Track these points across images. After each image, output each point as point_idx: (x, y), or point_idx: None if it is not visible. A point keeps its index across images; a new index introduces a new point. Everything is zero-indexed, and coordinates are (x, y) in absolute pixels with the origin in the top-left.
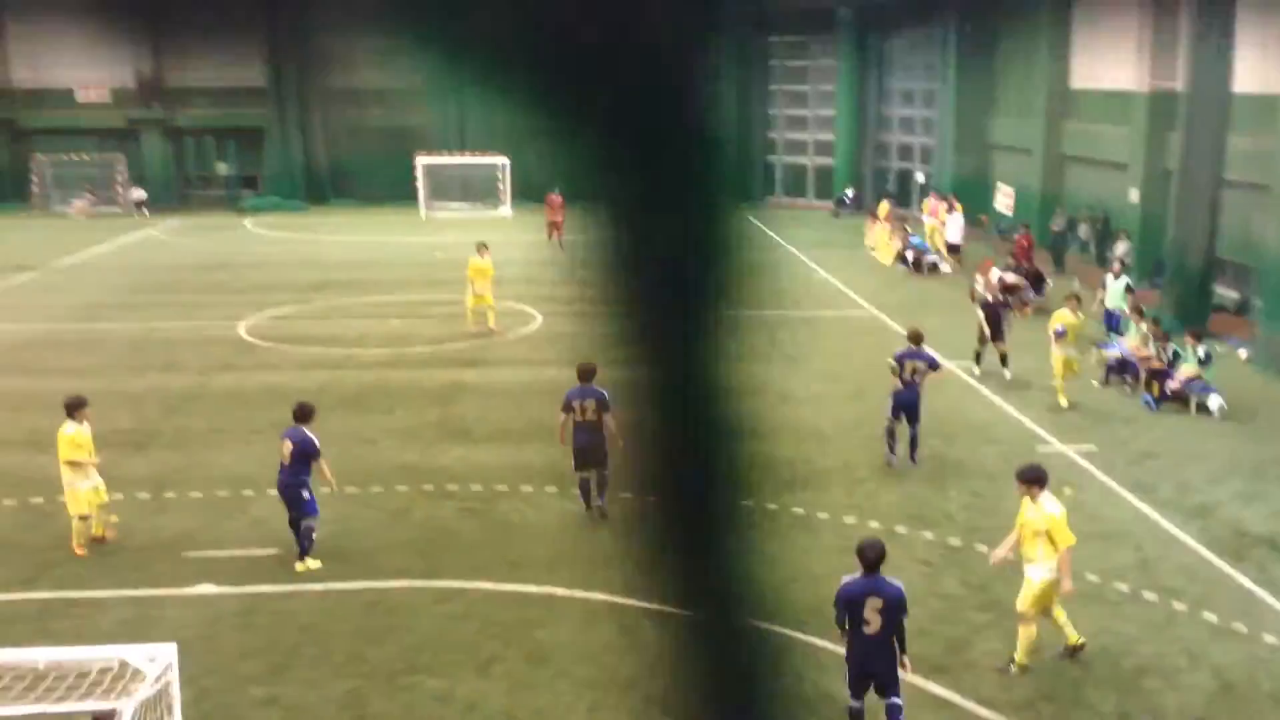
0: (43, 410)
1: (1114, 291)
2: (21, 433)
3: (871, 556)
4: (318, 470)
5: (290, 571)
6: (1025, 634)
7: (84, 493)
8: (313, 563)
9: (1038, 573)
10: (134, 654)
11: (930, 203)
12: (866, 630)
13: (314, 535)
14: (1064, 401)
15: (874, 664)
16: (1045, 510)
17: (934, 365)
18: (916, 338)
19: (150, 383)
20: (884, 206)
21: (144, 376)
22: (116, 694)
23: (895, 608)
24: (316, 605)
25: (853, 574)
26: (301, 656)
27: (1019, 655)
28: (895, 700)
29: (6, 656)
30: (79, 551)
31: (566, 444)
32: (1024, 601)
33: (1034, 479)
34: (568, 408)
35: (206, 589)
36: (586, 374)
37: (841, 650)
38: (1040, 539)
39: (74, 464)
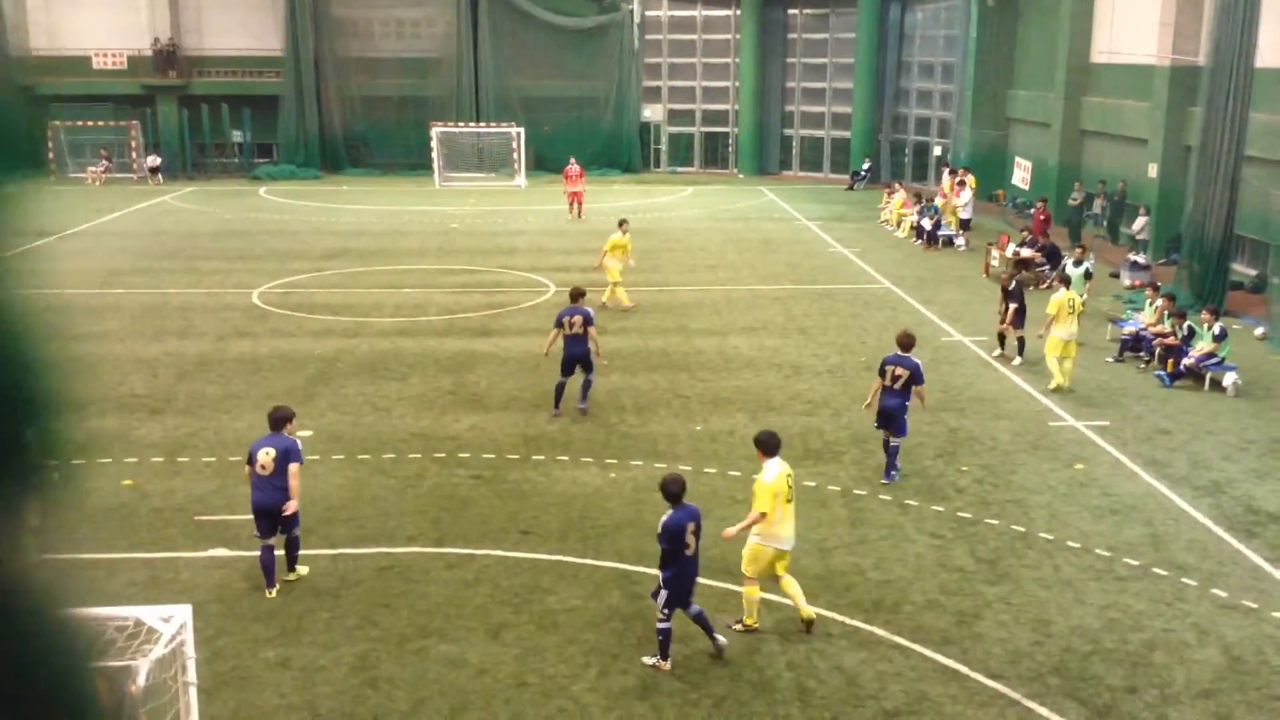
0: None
1: (1073, 278)
2: None
3: (675, 490)
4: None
5: (304, 536)
6: (747, 594)
7: None
8: (302, 569)
9: (754, 536)
10: (149, 614)
11: (946, 179)
12: (688, 552)
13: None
14: (1054, 385)
15: (691, 579)
16: (759, 476)
17: (917, 378)
18: (905, 343)
19: (165, 348)
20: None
21: (159, 342)
22: (132, 653)
23: (700, 525)
24: (329, 569)
25: (668, 511)
26: (314, 620)
27: (745, 616)
28: (698, 609)
29: None
30: None
31: (552, 354)
32: (742, 563)
33: (758, 443)
34: (559, 323)
35: (219, 553)
36: (576, 295)
37: (850, 620)
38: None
39: None
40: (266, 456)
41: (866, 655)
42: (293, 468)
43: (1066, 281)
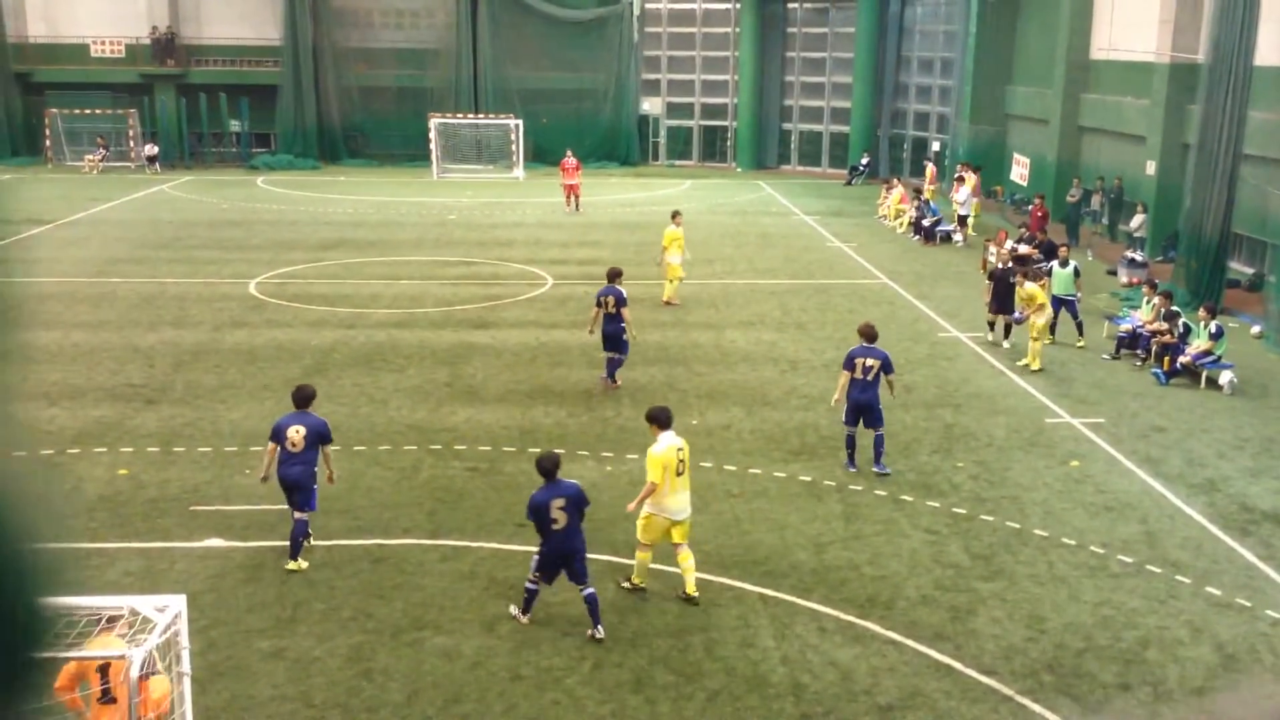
0: (55, 363)
1: (1061, 278)
2: (34, 385)
3: (548, 466)
4: (322, 460)
5: None
6: (639, 558)
7: None
8: (303, 561)
9: (647, 506)
10: (144, 604)
11: (930, 170)
12: (555, 527)
13: (309, 531)
14: (1029, 361)
15: (566, 554)
16: (650, 449)
17: (888, 367)
18: (869, 334)
19: (161, 337)
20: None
21: (155, 331)
22: (126, 642)
23: (576, 503)
24: (324, 560)
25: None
26: (309, 611)
27: (634, 576)
28: (590, 591)
29: None
30: None
31: (595, 332)
32: (638, 531)
33: (649, 418)
34: (598, 302)
35: (215, 543)
36: (613, 275)
37: (844, 616)
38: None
39: None
40: (297, 434)
41: (860, 650)
42: (327, 450)
43: (1039, 276)
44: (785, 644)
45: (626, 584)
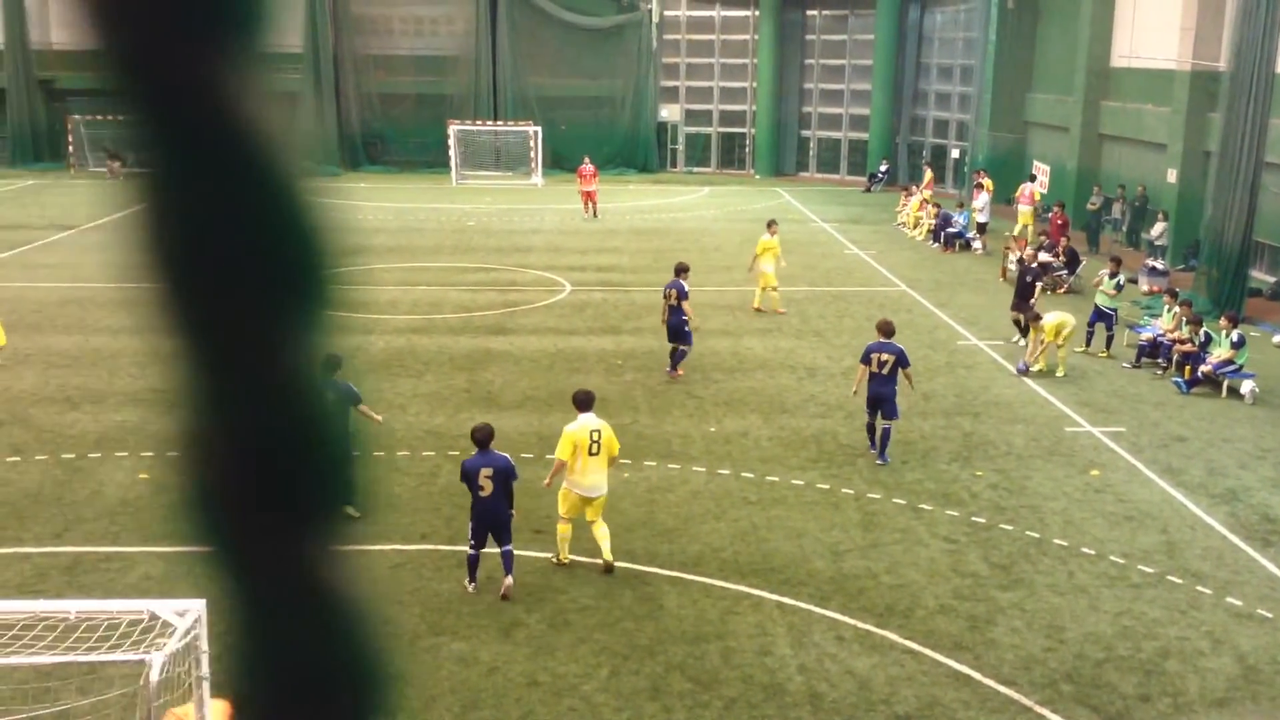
0: (77, 368)
1: (1107, 287)
2: (56, 389)
3: (480, 436)
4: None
5: None
6: (560, 531)
7: None
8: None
9: (565, 482)
10: (164, 608)
11: (928, 175)
12: (482, 494)
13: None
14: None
15: (491, 519)
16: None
17: (903, 361)
18: (887, 330)
19: None
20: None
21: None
22: (146, 646)
23: (504, 475)
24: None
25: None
26: None
27: (559, 551)
28: (508, 548)
29: (39, 607)
30: None
31: (664, 324)
32: (558, 504)
33: (573, 400)
34: (665, 295)
35: None
36: (679, 270)
37: (862, 624)
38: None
39: None
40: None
41: (878, 660)
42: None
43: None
44: (802, 652)
45: (555, 560)
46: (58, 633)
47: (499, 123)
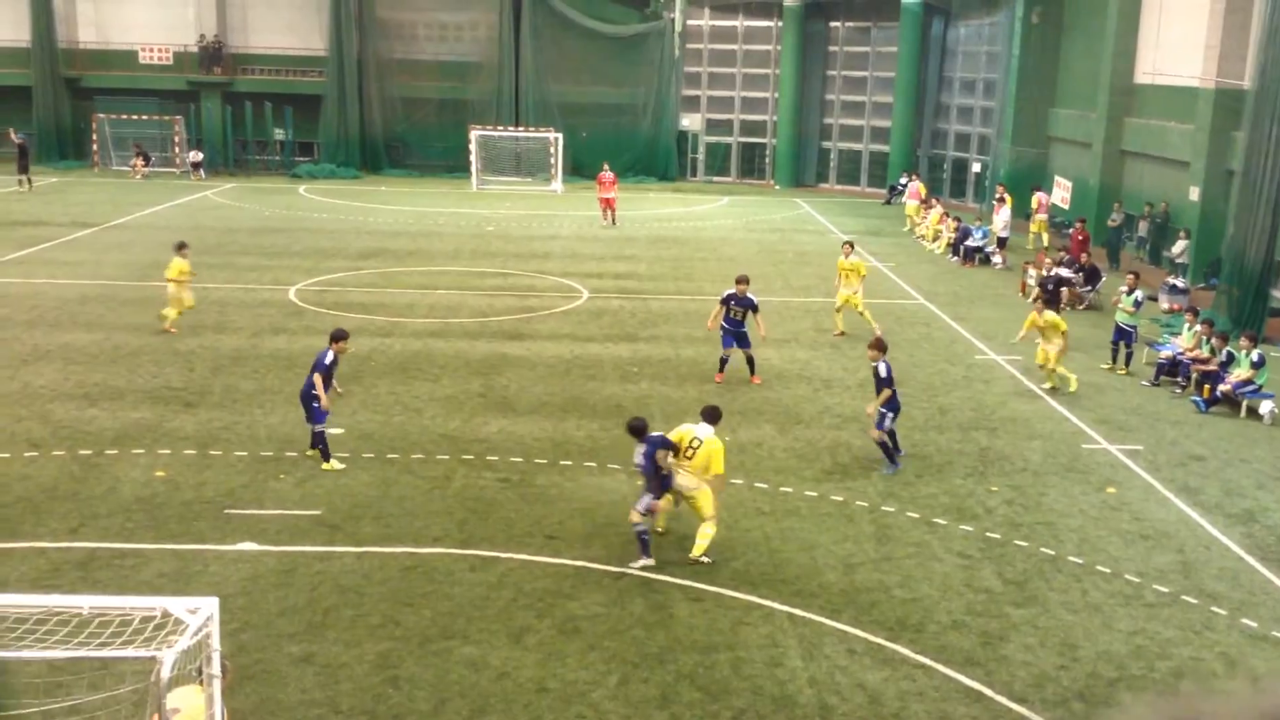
0: (96, 364)
1: (1125, 305)
2: (75, 386)
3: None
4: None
5: (330, 533)
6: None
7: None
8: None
9: None
10: (176, 605)
11: (912, 186)
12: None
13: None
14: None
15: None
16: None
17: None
18: (880, 344)
19: (202, 342)
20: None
21: (196, 336)
22: (158, 643)
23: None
24: (354, 567)
25: None
26: (338, 617)
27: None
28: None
29: (53, 601)
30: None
31: (714, 328)
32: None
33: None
34: (724, 302)
35: (248, 547)
36: (740, 281)
37: (874, 638)
38: None
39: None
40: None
41: (890, 673)
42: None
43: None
44: (813, 664)
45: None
46: (70, 628)
47: (520, 129)
